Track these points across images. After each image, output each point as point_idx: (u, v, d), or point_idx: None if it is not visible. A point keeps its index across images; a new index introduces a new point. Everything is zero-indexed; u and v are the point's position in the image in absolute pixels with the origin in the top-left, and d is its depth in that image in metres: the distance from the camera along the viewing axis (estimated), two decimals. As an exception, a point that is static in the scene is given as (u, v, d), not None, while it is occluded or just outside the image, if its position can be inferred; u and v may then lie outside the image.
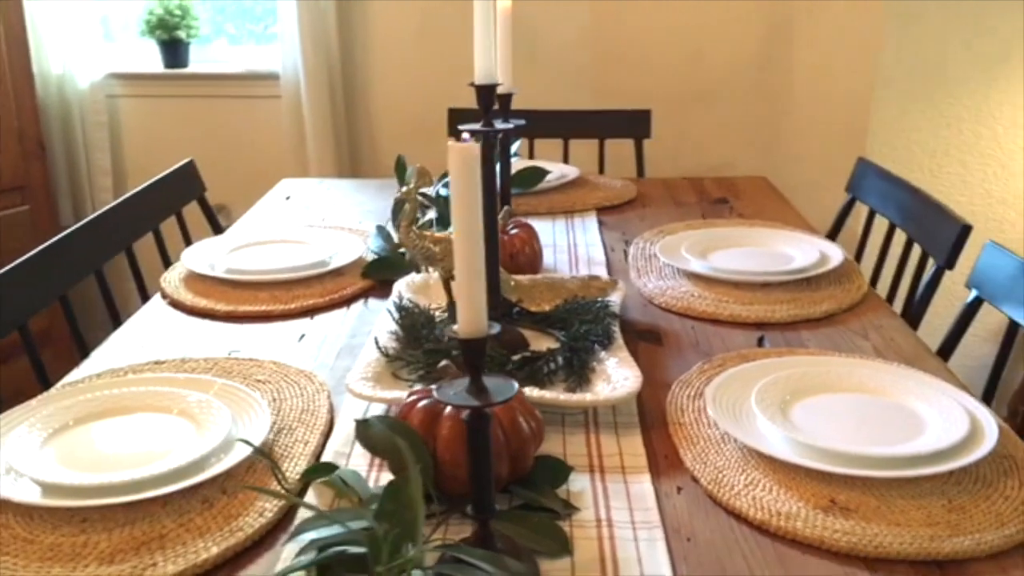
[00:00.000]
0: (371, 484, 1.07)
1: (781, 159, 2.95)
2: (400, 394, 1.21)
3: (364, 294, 1.69)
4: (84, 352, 1.51)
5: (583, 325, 1.37)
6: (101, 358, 1.44)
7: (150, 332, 1.54)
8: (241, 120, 3.35)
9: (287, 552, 0.97)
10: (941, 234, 1.62)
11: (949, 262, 1.58)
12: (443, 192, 1.96)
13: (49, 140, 3.24)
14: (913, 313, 1.62)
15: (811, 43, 2.89)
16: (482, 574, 0.83)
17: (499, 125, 1.69)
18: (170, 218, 2.12)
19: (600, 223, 2.08)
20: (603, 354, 1.32)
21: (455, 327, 0.88)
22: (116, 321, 1.73)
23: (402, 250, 1.79)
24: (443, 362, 1.08)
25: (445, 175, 2.04)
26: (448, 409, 1.04)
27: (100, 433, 1.16)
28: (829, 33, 2.81)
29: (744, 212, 2.14)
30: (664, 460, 1.14)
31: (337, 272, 1.74)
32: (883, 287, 1.78)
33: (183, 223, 2.14)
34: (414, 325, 1.37)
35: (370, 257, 1.79)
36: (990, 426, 1.11)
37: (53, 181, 3.27)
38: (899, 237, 1.85)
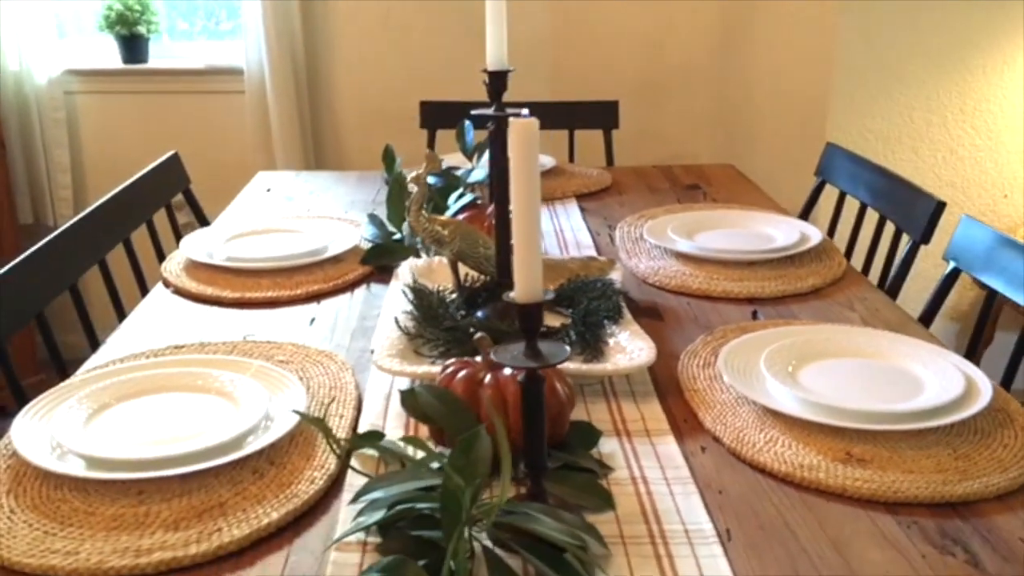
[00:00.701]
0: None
1: (742, 148, 3.05)
2: (427, 368, 1.26)
3: (365, 280, 1.73)
4: (93, 343, 1.53)
5: (592, 302, 1.43)
6: (117, 345, 1.46)
7: (159, 320, 1.56)
8: (203, 115, 3.34)
9: (345, 514, 1.01)
10: (915, 211, 1.72)
11: (925, 237, 1.68)
12: (430, 180, 2.01)
13: (7, 137, 3.20)
14: (890, 286, 1.71)
15: (770, 36, 2.99)
16: (545, 524, 0.89)
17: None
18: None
19: (582, 209, 2.15)
20: (614, 328, 1.39)
21: (511, 294, 0.94)
22: (120, 312, 1.74)
23: (396, 237, 1.84)
24: (478, 334, 1.13)
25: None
26: (487, 378, 1.09)
27: (141, 411, 1.19)
28: (788, 26, 2.91)
29: (717, 197, 2.22)
30: (684, 423, 1.21)
31: (336, 259, 1.77)
32: (856, 264, 1.87)
33: (172, 216, 2.16)
34: (430, 305, 1.42)
35: (366, 245, 1.82)
36: (984, 383, 1.20)
37: (11, 179, 3.23)
38: (870, 217, 1.95)
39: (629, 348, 1.32)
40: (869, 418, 1.14)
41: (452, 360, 1.16)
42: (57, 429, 1.12)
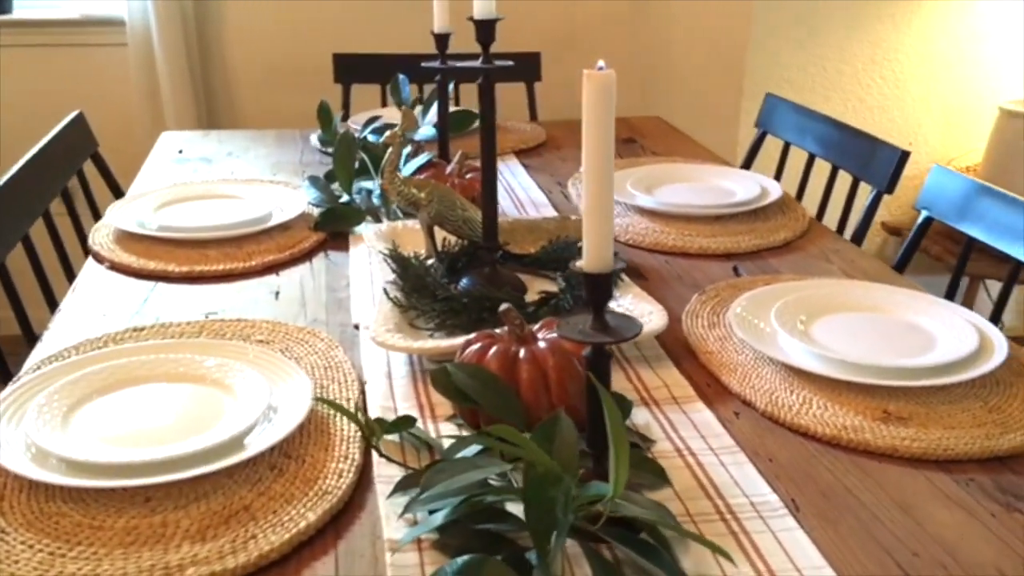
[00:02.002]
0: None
1: (660, 100, 3.02)
2: (436, 344, 1.18)
3: (321, 247, 1.61)
4: (27, 332, 1.37)
5: (584, 263, 1.37)
6: (62, 330, 1.31)
7: (101, 299, 1.41)
8: (79, 71, 3.09)
9: (386, 510, 0.92)
10: (877, 161, 1.72)
11: (890, 187, 1.69)
12: (371, 138, 1.90)
13: None
14: (854, 237, 1.71)
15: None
16: (638, 507, 0.83)
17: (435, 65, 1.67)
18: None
19: (524, 166, 2.08)
20: (615, 292, 1.33)
21: (579, 263, 0.86)
22: (48, 293, 1.57)
23: (344, 199, 1.72)
24: (503, 305, 1.05)
25: (372, 120, 1.97)
26: (523, 353, 1.02)
27: (124, 406, 1.06)
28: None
29: (656, 150, 2.18)
30: (708, 388, 1.16)
31: (284, 227, 1.65)
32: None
33: (85, 184, 1.97)
34: (417, 274, 1.33)
35: (313, 210, 1.70)
36: (995, 334, 1.20)
37: None
38: (819, 167, 1.96)
39: (636, 311, 1.27)
40: (902, 374, 1.12)
41: (474, 335, 1.08)
42: (33, 431, 0.98)
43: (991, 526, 0.91)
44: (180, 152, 2.17)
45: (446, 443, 0.99)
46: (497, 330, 1.09)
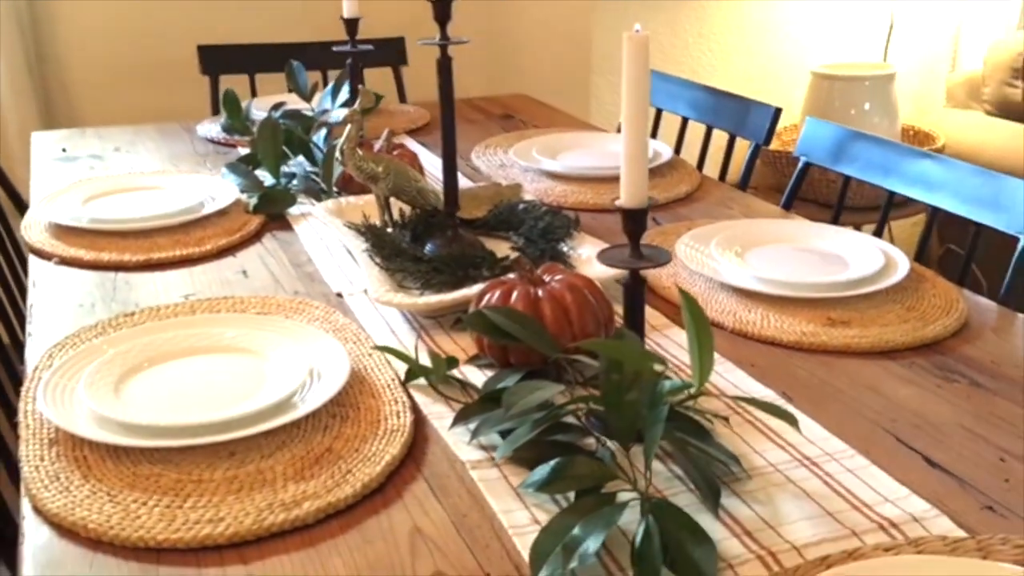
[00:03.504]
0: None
1: (509, 79, 3.18)
2: (441, 297, 1.28)
3: (263, 229, 1.67)
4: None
5: (539, 222, 1.51)
6: (46, 324, 1.31)
7: (69, 292, 1.42)
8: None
9: (453, 438, 1.03)
10: (752, 119, 1.96)
11: (767, 140, 1.92)
12: (283, 123, 1.95)
13: None
14: (740, 186, 1.93)
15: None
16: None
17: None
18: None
19: (422, 144, 2.18)
20: (572, 243, 1.47)
21: (618, 200, 1.00)
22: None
23: (270, 183, 1.78)
24: (514, 255, 1.17)
25: (278, 106, 2.01)
26: (541, 293, 1.15)
27: (172, 378, 1.11)
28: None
29: (537, 124, 2.34)
30: (678, 316, 1.33)
31: (222, 213, 1.68)
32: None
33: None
34: (393, 243, 1.42)
35: (242, 195, 1.75)
36: (894, 251, 1.44)
37: None
38: (695, 129, 2.18)
39: (595, 257, 1.42)
40: (836, 287, 1.33)
41: (486, 284, 1.19)
42: (101, 402, 1.03)
43: (940, 394, 1.13)
44: (64, 151, 2.13)
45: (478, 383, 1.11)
46: (508, 276, 1.21)
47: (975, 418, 1.07)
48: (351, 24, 1.89)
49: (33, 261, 1.54)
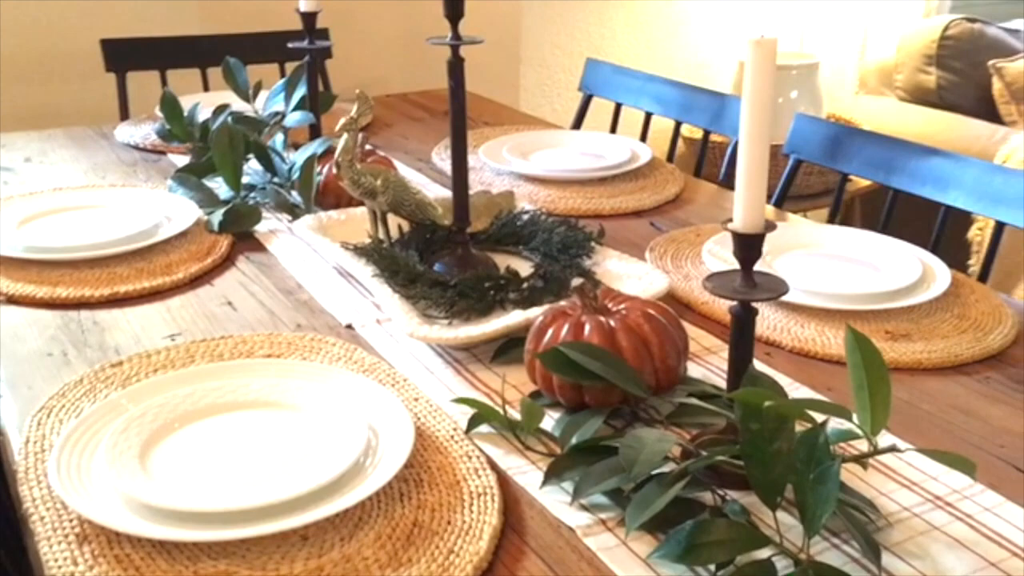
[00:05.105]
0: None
1: (435, 72, 3.02)
2: (484, 328, 1.15)
3: (235, 250, 1.49)
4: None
5: (552, 234, 1.39)
6: (19, 380, 1.11)
7: (30, 338, 1.21)
8: None
9: (545, 497, 0.91)
10: (730, 113, 1.89)
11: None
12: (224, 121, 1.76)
13: None
14: (723, 182, 1.86)
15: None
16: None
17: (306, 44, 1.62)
18: None
19: (373, 147, 2.02)
20: (596, 258, 1.36)
21: (731, 224, 0.89)
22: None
23: (227, 196, 1.59)
24: (577, 281, 1.05)
25: (223, 108, 1.82)
26: (613, 323, 1.03)
27: (200, 447, 0.94)
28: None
29: (490, 121, 2.21)
30: (727, 334, 1.24)
31: (183, 234, 1.49)
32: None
33: None
34: (408, 264, 1.28)
35: (203, 212, 1.56)
36: (935, 260, 1.39)
37: None
38: (661, 123, 2.10)
39: (633, 272, 1.31)
40: (886, 298, 1.27)
41: (545, 313, 1.07)
42: (137, 485, 0.85)
43: (1031, 412, 1.08)
44: (-34, 163, 1.88)
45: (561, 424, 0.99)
46: (561, 304, 1.09)
47: (1080, 437, 1.03)
48: (308, 18, 1.72)
49: (-30, 300, 1.32)
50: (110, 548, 0.82)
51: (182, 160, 1.86)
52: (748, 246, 0.90)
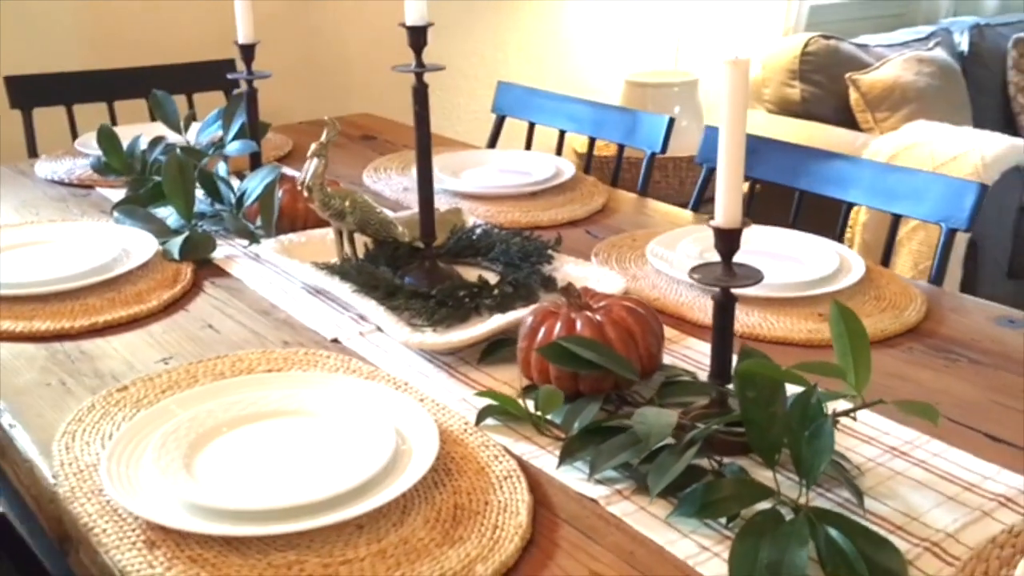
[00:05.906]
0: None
1: (337, 95, 3.08)
2: (475, 330, 1.24)
3: (198, 276, 1.53)
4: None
5: (510, 245, 1.49)
6: (25, 416, 1.14)
7: (23, 375, 1.23)
8: None
9: (560, 476, 1.01)
10: (645, 129, 2.03)
11: (663, 148, 2.01)
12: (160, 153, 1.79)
13: None
14: (642, 193, 2.00)
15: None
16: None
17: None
18: None
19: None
20: (554, 264, 1.47)
21: (713, 221, 1.02)
22: None
23: (176, 224, 1.63)
24: (565, 283, 1.15)
25: (157, 141, 1.85)
26: (600, 318, 1.14)
27: (239, 453, 1.00)
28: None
29: (408, 144, 2.30)
30: (685, 325, 1.37)
31: (144, 265, 1.52)
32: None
33: None
34: (387, 279, 1.36)
35: (157, 242, 1.59)
36: (842, 248, 1.56)
37: None
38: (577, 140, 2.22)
39: (590, 276, 1.43)
40: (815, 285, 1.42)
41: (533, 314, 1.17)
42: (197, 491, 0.91)
43: (954, 373, 1.24)
44: None
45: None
46: (543, 304, 1.20)
47: (997, 391, 1.19)
48: (247, 50, 1.77)
49: (-58, 339, 1.32)
50: (180, 550, 0.87)
51: (112, 193, 1.87)
52: (729, 240, 1.03)
